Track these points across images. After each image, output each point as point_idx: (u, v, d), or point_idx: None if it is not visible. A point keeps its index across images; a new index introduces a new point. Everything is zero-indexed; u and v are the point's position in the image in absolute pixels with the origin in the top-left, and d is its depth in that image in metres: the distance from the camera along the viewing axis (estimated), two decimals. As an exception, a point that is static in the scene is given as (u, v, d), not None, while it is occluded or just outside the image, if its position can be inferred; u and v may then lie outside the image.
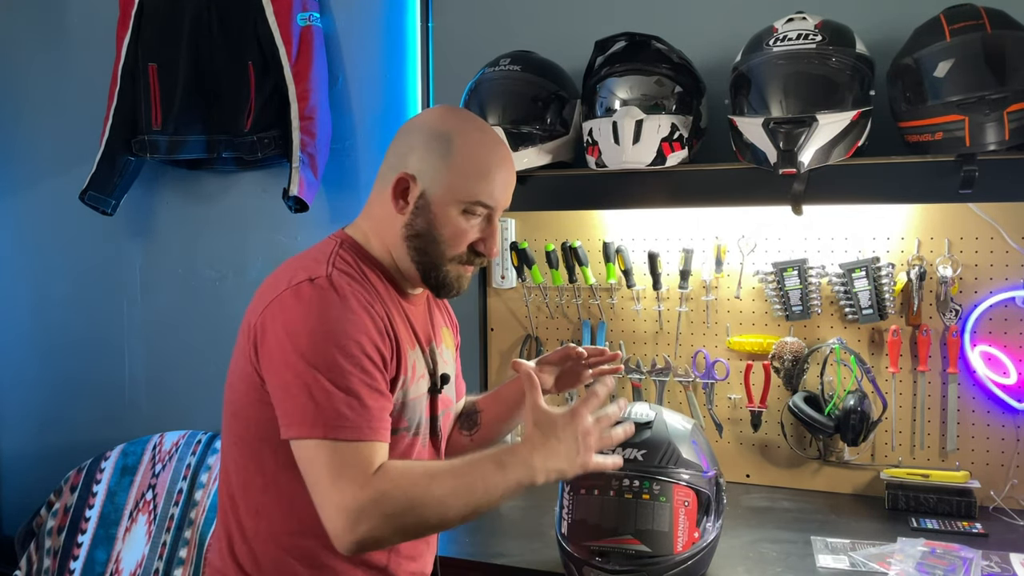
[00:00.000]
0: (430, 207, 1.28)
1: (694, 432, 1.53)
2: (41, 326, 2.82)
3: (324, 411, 1.15)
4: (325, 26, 2.39)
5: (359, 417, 1.16)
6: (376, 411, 1.18)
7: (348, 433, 1.15)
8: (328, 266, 1.25)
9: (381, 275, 1.32)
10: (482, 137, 1.32)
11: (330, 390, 1.15)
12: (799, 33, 1.71)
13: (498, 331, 2.30)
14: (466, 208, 1.28)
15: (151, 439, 2.50)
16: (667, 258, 2.10)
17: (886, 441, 1.98)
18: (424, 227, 1.29)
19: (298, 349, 1.17)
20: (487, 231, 1.32)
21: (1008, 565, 1.55)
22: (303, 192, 2.25)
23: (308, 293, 1.20)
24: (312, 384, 1.15)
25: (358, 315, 1.20)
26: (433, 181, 1.28)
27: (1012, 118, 1.56)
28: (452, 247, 1.30)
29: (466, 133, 1.30)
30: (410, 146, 1.30)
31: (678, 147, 1.82)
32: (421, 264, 1.31)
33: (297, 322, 1.19)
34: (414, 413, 1.31)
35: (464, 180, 1.27)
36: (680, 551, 1.42)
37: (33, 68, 2.77)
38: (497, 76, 1.98)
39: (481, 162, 1.29)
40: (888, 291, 1.91)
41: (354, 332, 1.18)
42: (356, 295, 1.22)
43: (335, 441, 1.15)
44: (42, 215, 2.79)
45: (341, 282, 1.22)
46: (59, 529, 2.44)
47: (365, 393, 1.17)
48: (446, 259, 1.30)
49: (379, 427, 1.18)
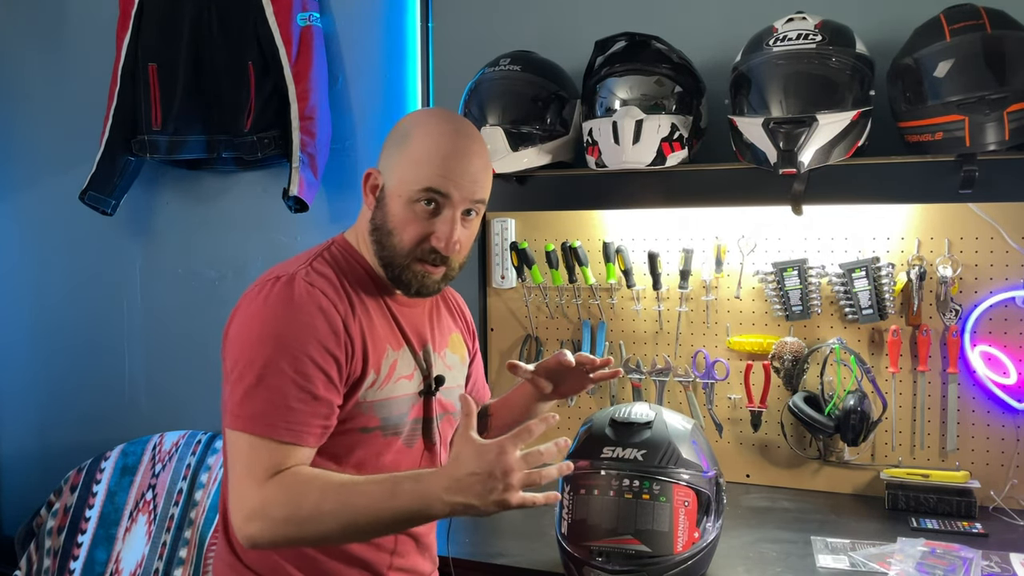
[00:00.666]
0: (386, 199, 1.29)
1: (694, 432, 1.53)
2: (41, 326, 2.82)
3: (248, 405, 1.18)
4: (325, 26, 2.40)
5: (279, 417, 1.17)
6: (302, 414, 1.18)
7: (265, 430, 1.17)
8: (303, 267, 1.27)
9: (368, 276, 1.33)
10: (441, 128, 1.28)
11: (259, 386, 1.18)
12: (799, 33, 1.71)
13: (498, 331, 2.30)
14: (415, 197, 1.26)
15: (151, 439, 2.50)
16: (667, 258, 2.10)
17: (886, 441, 1.98)
18: (381, 220, 1.29)
19: (243, 343, 1.21)
20: (440, 225, 1.27)
21: (1008, 565, 1.55)
22: (303, 192, 2.25)
23: (267, 292, 1.24)
24: (245, 377, 1.19)
25: (308, 315, 1.21)
26: (390, 173, 1.29)
27: (1012, 118, 1.56)
28: (404, 239, 1.27)
29: (426, 125, 1.30)
30: (384, 145, 1.33)
31: (678, 147, 1.82)
32: (382, 259, 1.31)
33: (250, 318, 1.23)
34: (390, 412, 1.31)
35: (412, 168, 1.26)
36: (680, 551, 1.42)
37: (33, 68, 2.77)
38: (497, 76, 1.98)
39: (431, 150, 1.26)
40: (888, 291, 1.91)
41: (300, 333, 1.20)
42: (313, 294, 1.23)
43: (251, 436, 1.18)
44: (42, 215, 2.79)
45: (302, 281, 1.24)
46: (59, 529, 2.44)
47: (293, 394, 1.18)
48: (401, 253, 1.28)
49: (301, 430, 1.19)
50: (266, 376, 1.17)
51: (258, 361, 1.18)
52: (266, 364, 1.18)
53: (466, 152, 1.28)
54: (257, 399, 1.18)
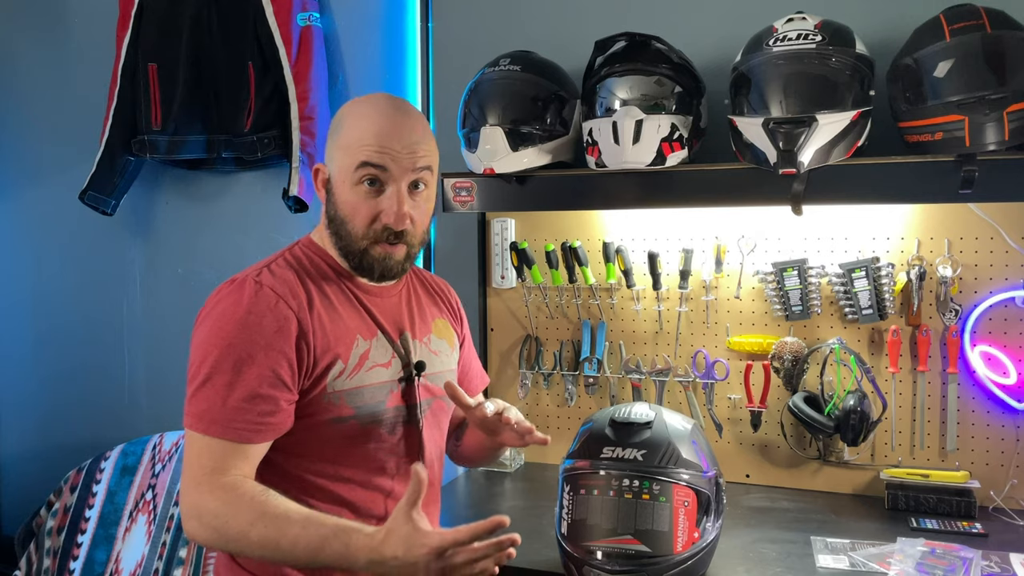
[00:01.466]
0: (333, 189, 1.31)
1: (694, 432, 1.53)
2: (41, 326, 2.82)
3: (196, 404, 1.22)
4: (325, 26, 2.39)
5: (219, 415, 1.20)
6: (242, 412, 1.20)
7: (204, 428, 1.20)
8: (259, 268, 1.30)
9: (333, 270, 1.35)
10: (370, 107, 1.31)
11: (207, 386, 1.21)
12: (799, 33, 1.71)
13: (498, 331, 2.30)
14: (356, 179, 1.28)
15: (151, 439, 2.50)
16: (667, 258, 2.10)
17: (886, 441, 1.98)
18: (333, 210, 1.32)
19: (195, 346, 1.26)
20: (386, 202, 1.28)
21: (1008, 565, 1.55)
22: (303, 192, 2.25)
23: (221, 295, 1.27)
24: (196, 378, 1.22)
25: (256, 316, 1.23)
26: (331, 163, 1.31)
27: (1012, 118, 1.56)
28: (356, 223, 1.29)
29: (355, 110, 1.32)
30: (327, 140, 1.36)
31: (678, 147, 1.82)
32: (341, 249, 1.33)
33: (204, 319, 1.27)
34: (364, 401, 1.31)
35: (348, 152, 1.28)
36: (680, 551, 1.42)
37: (33, 68, 2.77)
38: (497, 76, 1.98)
39: (363, 128, 1.28)
40: (888, 291, 1.91)
41: (243, 333, 1.22)
42: (263, 294, 1.25)
43: (194, 434, 1.21)
44: (42, 215, 2.79)
45: (252, 283, 1.26)
46: (59, 529, 2.44)
47: (235, 394, 1.20)
48: (357, 237, 1.30)
49: (240, 428, 1.20)
50: (212, 376, 1.20)
51: (207, 362, 1.21)
52: (213, 364, 1.21)
53: (399, 124, 1.29)
54: (203, 398, 1.21)
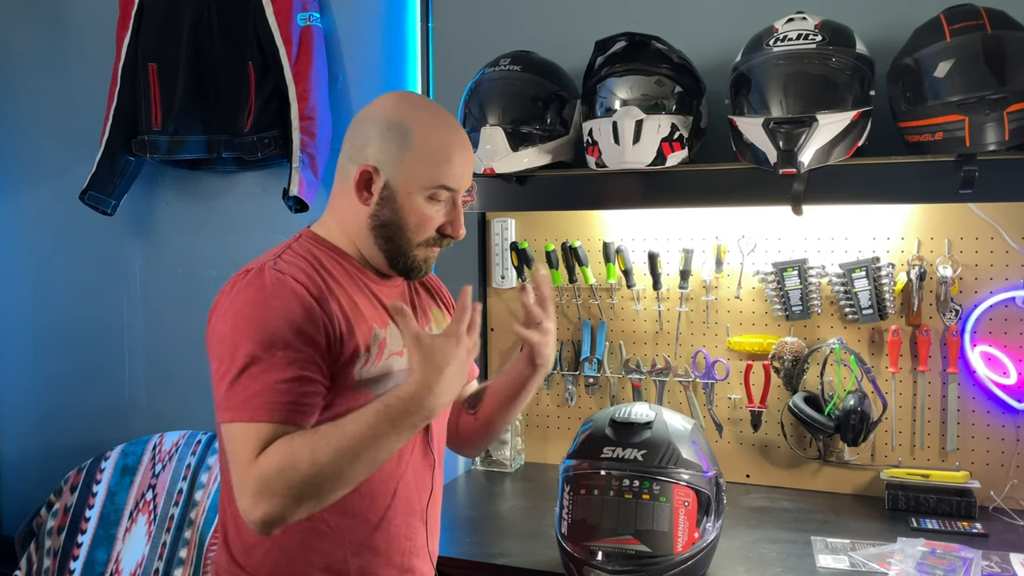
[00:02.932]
0: (395, 197, 1.30)
1: (694, 432, 1.53)
2: (41, 326, 2.82)
3: (235, 394, 1.19)
4: (325, 26, 2.39)
5: (265, 399, 1.18)
6: (286, 393, 1.19)
7: (251, 415, 1.18)
8: (274, 258, 1.29)
9: (343, 262, 1.35)
10: (437, 122, 1.33)
11: (244, 375, 1.18)
12: (799, 33, 1.71)
13: (498, 331, 2.30)
14: (431, 194, 1.31)
15: (151, 439, 2.50)
16: (667, 258, 2.10)
17: (886, 441, 1.98)
18: (390, 216, 1.31)
19: (220, 336, 1.23)
20: (452, 214, 1.34)
21: (1008, 565, 1.55)
22: (303, 192, 2.25)
23: (240, 284, 1.25)
24: (230, 371, 1.19)
25: (280, 300, 1.22)
26: (395, 171, 1.30)
27: (1012, 118, 1.56)
28: (419, 233, 1.32)
29: (421, 120, 1.32)
30: (367, 137, 1.32)
31: (678, 147, 1.82)
32: (388, 252, 1.34)
33: (224, 311, 1.24)
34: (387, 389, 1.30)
35: (425, 167, 1.30)
36: (680, 551, 1.42)
37: (33, 68, 2.77)
38: (497, 76, 1.98)
39: (440, 147, 1.31)
40: (888, 291, 1.91)
41: (275, 318, 1.21)
42: (283, 281, 1.24)
43: (241, 423, 1.18)
44: (42, 215, 2.79)
45: (271, 270, 1.25)
46: (59, 529, 2.44)
47: (276, 376, 1.19)
48: (413, 245, 1.33)
49: (292, 410, 1.19)
50: (249, 364, 1.18)
51: (239, 351, 1.19)
52: (247, 353, 1.19)
53: (465, 146, 1.35)
54: (243, 387, 1.18)
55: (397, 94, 1.38)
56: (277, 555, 1.29)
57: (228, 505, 1.34)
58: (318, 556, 1.30)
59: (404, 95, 1.39)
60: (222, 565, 1.35)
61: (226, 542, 1.34)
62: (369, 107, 1.37)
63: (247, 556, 1.31)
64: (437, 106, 1.39)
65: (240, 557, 1.32)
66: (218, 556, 1.37)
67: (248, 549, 1.31)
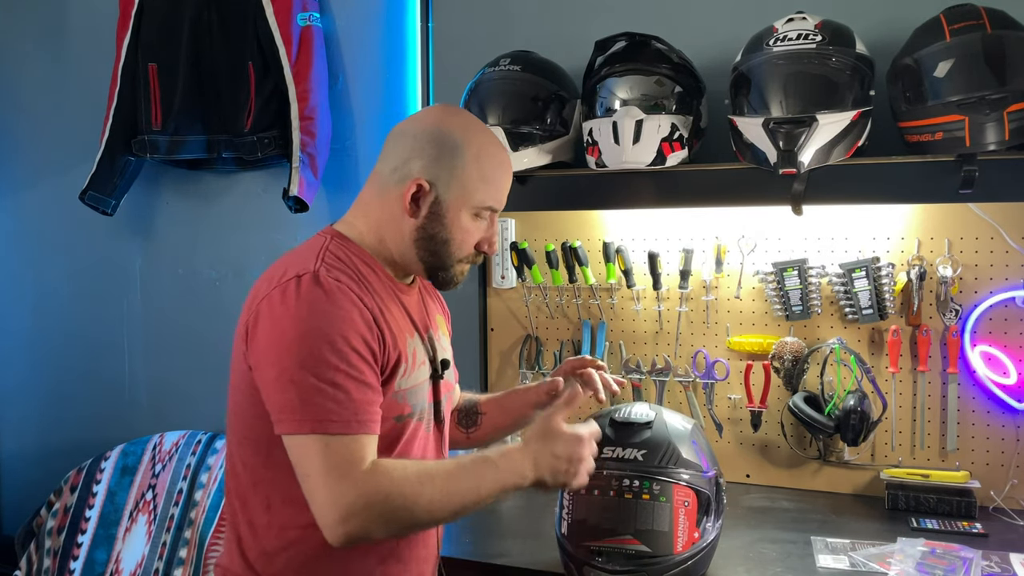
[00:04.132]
0: (444, 213, 1.32)
1: (694, 432, 1.53)
2: (41, 326, 2.82)
3: (311, 406, 1.17)
4: (325, 26, 2.39)
5: (346, 411, 1.18)
6: (363, 404, 1.19)
7: (336, 427, 1.17)
8: (317, 262, 1.26)
9: (374, 268, 1.34)
10: (488, 141, 1.37)
11: (317, 385, 1.17)
12: (799, 33, 1.71)
13: (498, 331, 2.30)
14: (477, 212, 1.34)
15: (151, 439, 2.50)
16: (667, 258, 2.10)
17: (886, 441, 1.98)
18: (437, 231, 1.33)
19: (283, 345, 1.19)
20: (490, 231, 1.38)
21: (1008, 565, 1.55)
22: (303, 192, 2.25)
23: (294, 290, 1.22)
24: (299, 380, 1.17)
25: (344, 309, 1.21)
26: (447, 187, 1.32)
27: (1012, 118, 1.56)
28: (462, 248, 1.35)
29: (474, 138, 1.35)
30: (417, 150, 1.32)
31: (678, 147, 1.82)
32: (429, 263, 1.35)
33: (283, 319, 1.21)
34: (416, 399, 1.34)
35: (476, 186, 1.33)
36: (680, 551, 1.42)
37: (33, 68, 2.77)
38: (497, 76, 1.98)
39: (490, 168, 1.35)
40: (888, 291, 1.91)
41: (340, 326, 1.20)
42: (342, 290, 1.23)
43: (324, 435, 1.17)
44: (42, 215, 2.79)
45: (328, 277, 1.23)
46: (59, 529, 2.44)
47: (352, 387, 1.18)
48: (455, 259, 1.36)
49: (367, 420, 1.20)
50: (319, 374, 1.17)
51: (308, 361, 1.17)
52: (316, 363, 1.17)
53: (509, 165, 1.41)
54: (319, 398, 1.17)
55: (445, 108, 1.41)
56: (300, 563, 1.28)
57: (242, 509, 1.32)
58: (342, 565, 1.29)
59: (452, 110, 1.41)
60: (235, 572, 1.32)
61: (240, 547, 1.31)
62: (414, 119, 1.39)
63: (267, 562, 1.29)
64: (483, 124, 1.42)
65: (257, 563, 1.30)
66: (228, 561, 1.34)
67: (268, 555, 1.29)
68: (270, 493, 1.28)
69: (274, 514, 1.28)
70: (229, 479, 1.35)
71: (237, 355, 1.28)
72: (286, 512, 1.27)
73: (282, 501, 1.27)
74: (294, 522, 1.26)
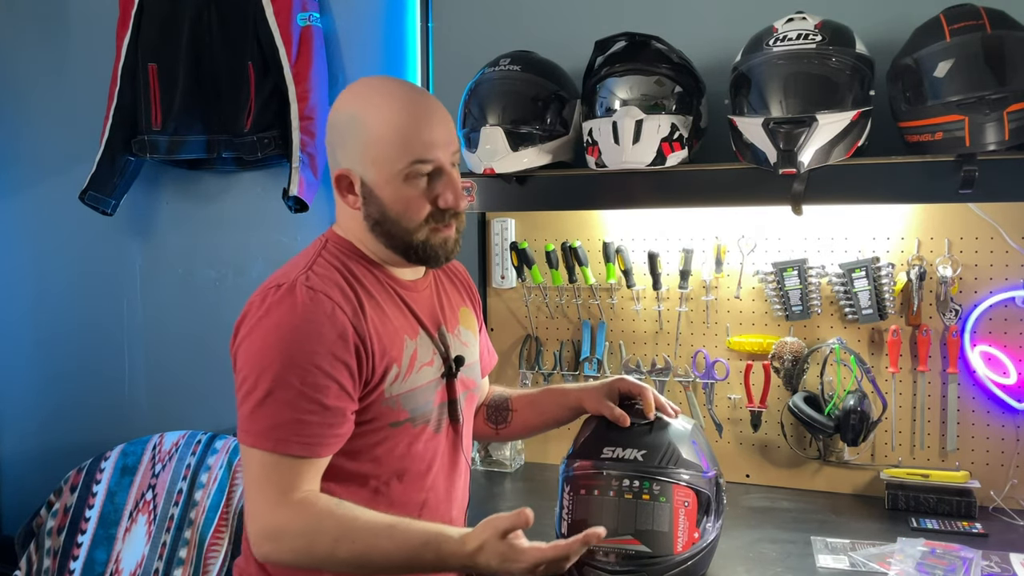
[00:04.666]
0: (373, 192, 1.26)
1: (694, 432, 1.53)
2: (41, 326, 2.82)
3: (260, 421, 1.16)
4: (325, 26, 2.39)
5: (290, 431, 1.16)
6: (314, 427, 1.17)
7: (277, 446, 1.16)
8: (304, 271, 1.25)
9: (374, 270, 1.32)
10: (385, 100, 1.25)
11: (270, 401, 1.16)
12: (799, 33, 1.71)
13: (498, 331, 2.30)
14: (408, 174, 1.24)
15: (151, 439, 2.50)
16: (667, 258, 2.10)
17: (886, 441, 1.98)
18: (378, 212, 1.27)
19: (249, 354, 1.19)
20: (441, 185, 1.27)
21: (1008, 565, 1.55)
22: (303, 192, 2.25)
23: (271, 301, 1.21)
24: (255, 392, 1.17)
25: (315, 324, 1.19)
26: (364, 166, 1.25)
27: (1012, 118, 1.56)
28: (410, 218, 1.27)
29: (370, 105, 1.25)
30: (334, 141, 1.29)
31: (678, 147, 1.82)
32: (394, 246, 1.30)
33: (253, 328, 1.20)
34: (417, 403, 1.31)
35: (386, 151, 1.24)
36: (680, 551, 1.42)
37: (33, 68, 2.77)
38: (497, 76, 1.98)
39: (395, 125, 1.23)
40: (888, 291, 1.91)
41: (307, 343, 1.18)
42: (319, 302, 1.20)
43: (262, 452, 1.16)
44: (42, 215, 2.79)
45: (304, 288, 1.21)
46: (59, 529, 2.44)
47: (306, 408, 1.16)
48: (411, 231, 1.27)
49: (314, 443, 1.18)
50: (275, 390, 1.16)
51: (266, 375, 1.16)
52: (274, 377, 1.16)
53: (431, 111, 1.27)
54: (266, 414, 1.16)
55: (349, 88, 1.32)
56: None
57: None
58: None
59: (354, 86, 1.31)
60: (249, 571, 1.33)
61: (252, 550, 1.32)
62: (331, 109, 1.33)
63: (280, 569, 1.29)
64: (390, 83, 1.31)
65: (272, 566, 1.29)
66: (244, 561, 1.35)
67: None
68: None
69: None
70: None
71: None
72: None
73: None
74: None
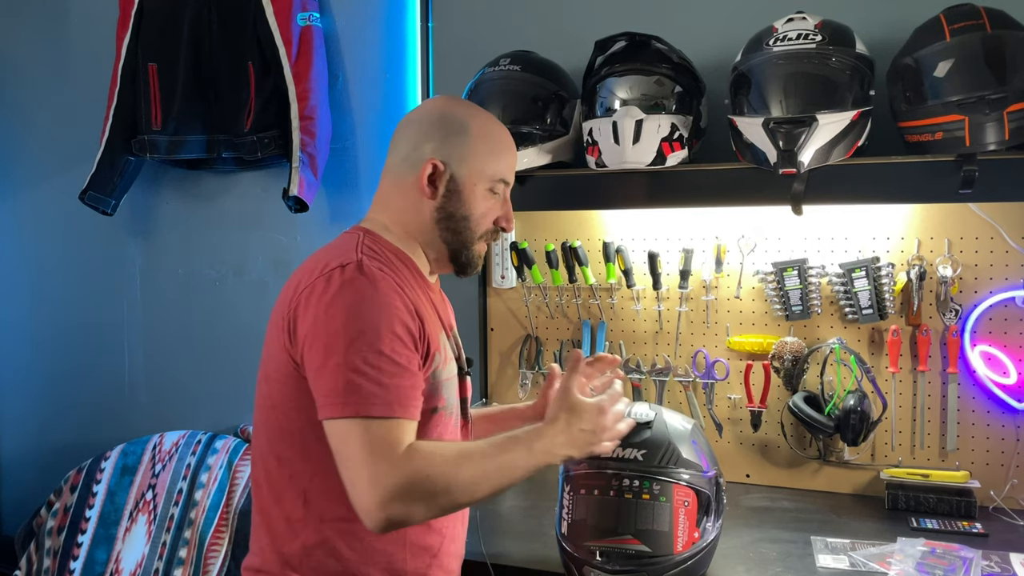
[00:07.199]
0: (460, 189, 1.36)
1: (694, 432, 1.53)
2: (41, 326, 2.82)
3: (355, 391, 1.19)
4: (325, 26, 2.39)
5: (389, 395, 1.19)
6: (405, 389, 1.21)
7: (379, 410, 1.18)
8: (357, 253, 1.29)
9: (405, 262, 1.36)
10: (491, 120, 1.43)
11: (361, 370, 1.19)
12: (799, 33, 1.71)
13: (498, 331, 2.30)
14: (491, 186, 1.38)
15: (151, 439, 2.50)
16: (667, 258, 2.10)
17: (886, 441, 1.98)
18: (456, 208, 1.37)
19: (329, 332, 1.21)
20: (505, 207, 1.42)
21: (1008, 565, 1.55)
22: (303, 192, 2.25)
23: (339, 278, 1.24)
24: (343, 365, 1.19)
25: (388, 297, 1.24)
26: (460, 164, 1.36)
27: (1012, 118, 1.56)
28: (482, 224, 1.39)
29: (478, 117, 1.41)
30: (425, 135, 1.37)
31: (678, 147, 1.82)
32: (452, 245, 1.39)
33: (328, 307, 1.23)
34: (449, 392, 1.36)
35: (486, 160, 1.37)
36: (680, 551, 1.42)
37: (33, 68, 2.77)
38: (497, 76, 1.98)
39: (498, 142, 1.40)
40: (888, 291, 1.91)
41: (384, 312, 1.23)
42: (385, 278, 1.26)
43: (366, 419, 1.18)
44: (42, 215, 2.79)
45: (371, 267, 1.26)
46: (59, 529, 2.44)
47: (395, 372, 1.20)
48: (476, 237, 1.39)
49: (408, 404, 1.21)
50: (364, 359, 1.19)
51: (354, 347, 1.19)
52: (360, 349, 1.19)
53: (513, 144, 1.45)
54: (363, 382, 1.19)
55: (447, 96, 1.48)
56: (338, 556, 1.29)
57: (277, 504, 1.32)
58: (380, 557, 1.31)
59: (455, 98, 1.51)
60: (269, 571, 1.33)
61: (275, 545, 1.32)
62: (419, 109, 1.44)
63: (305, 557, 1.30)
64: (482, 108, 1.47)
65: (295, 559, 1.30)
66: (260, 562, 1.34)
67: (307, 550, 1.30)
68: (307, 486, 1.29)
69: (311, 507, 1.29)
70: (260, 476, 1.35)
71: (276, 347, 1.29)
72: (323, 504, 1.28)
73: (319, 493, 1.28)
74: (332, 514, 1.28)
